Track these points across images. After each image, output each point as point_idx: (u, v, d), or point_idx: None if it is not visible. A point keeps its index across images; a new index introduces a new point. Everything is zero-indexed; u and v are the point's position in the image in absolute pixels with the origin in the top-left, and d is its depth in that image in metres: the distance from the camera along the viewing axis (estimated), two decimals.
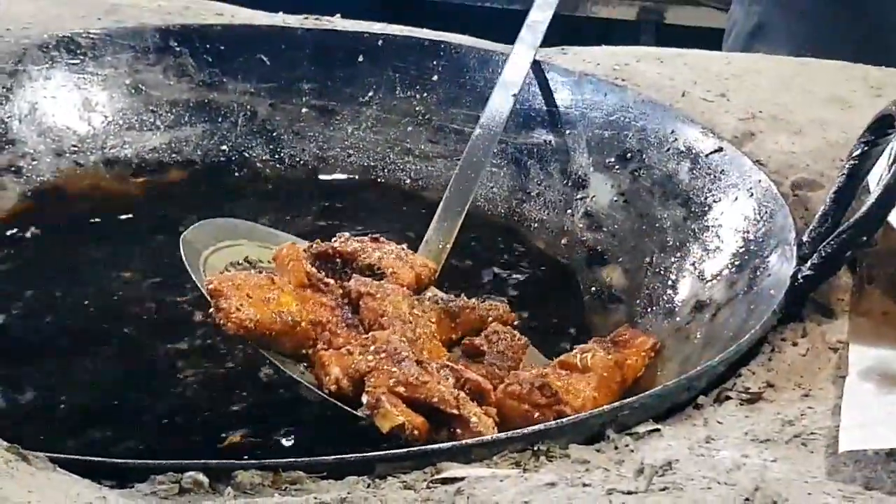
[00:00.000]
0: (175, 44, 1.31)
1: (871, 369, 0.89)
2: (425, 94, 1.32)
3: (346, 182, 1.30)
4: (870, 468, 0.79)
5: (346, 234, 1.09)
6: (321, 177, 1.30)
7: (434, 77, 1.32)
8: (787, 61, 1.42)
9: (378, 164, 1.31)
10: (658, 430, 0.84)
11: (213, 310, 0.95)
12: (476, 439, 0.84)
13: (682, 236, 1.14)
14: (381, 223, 1.22)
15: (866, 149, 1.02)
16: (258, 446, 0.94)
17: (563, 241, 1.23)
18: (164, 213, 1.24)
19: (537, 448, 0.81)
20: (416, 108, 1.32)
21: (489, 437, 0.84)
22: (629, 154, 1.22)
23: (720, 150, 1.16)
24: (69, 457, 0.77)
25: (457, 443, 0.84)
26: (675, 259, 1.13)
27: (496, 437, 0.84)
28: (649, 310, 1.12)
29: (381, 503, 0.75)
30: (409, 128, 1.32)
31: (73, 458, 0.77)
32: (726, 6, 2.17)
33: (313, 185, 1.30)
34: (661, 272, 1.13)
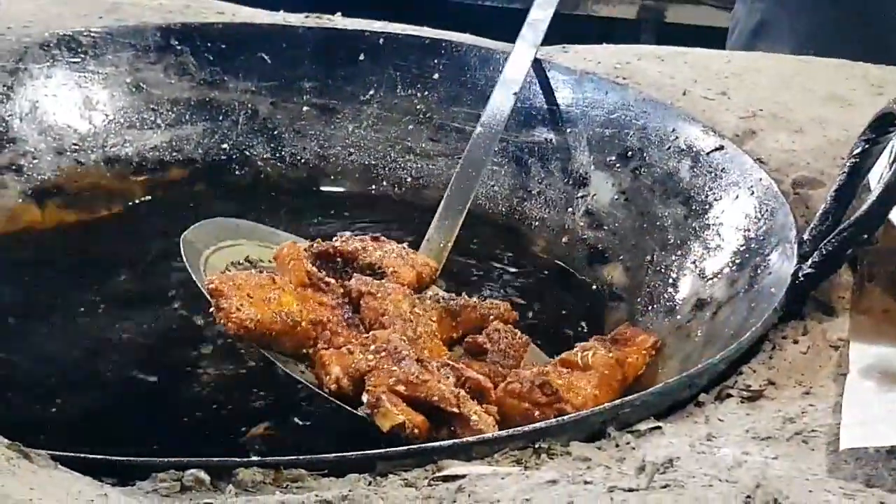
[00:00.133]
0: (176, 42, 1.31)
1: (872, 367, 0.89)
2: (426, 93, 1.32)
3: (347, 181, 1.30)
4: (871, 466, 0.79)
5: (347, 233, 1.09)
6: (322, 175, 1.31)
7: (435, 75, 1.32)
8: (787, 60, 1.42)
9: (379, 163, 1.31)
10: (659, 427, 0.85)
11: (213, 309, 0.95)
12: (477, 437, 0.84)
13: (682, 234, 1.14)
14: (381, 221, 1.22)
15: (867, 147, 1.02)
16: (279, 442, 0.94)
17: (564, 239, 1.23)
18: (164, 211, 1.24)
19: (538, 446, 0.81)
20: (417, 107, 1.32)
21: (490, 435, 0.84)
22: (630, 152, 1.22)
23: (721, 148, 1.16)
24: (70, 454, 0.77)
25: (458, 440, 0.84)
26: (676, 257, 1.13)
27: (497, 434, 0.84)
28: (650, 308, 1.12)
29: (382, 501, 0.75)
30: (410, 126, 1.32)
31: (75, 455, 0.77)
32: (726, 4, 2.17)
33: (314, 184, 1.30)
34: (662, 270, 1.13)
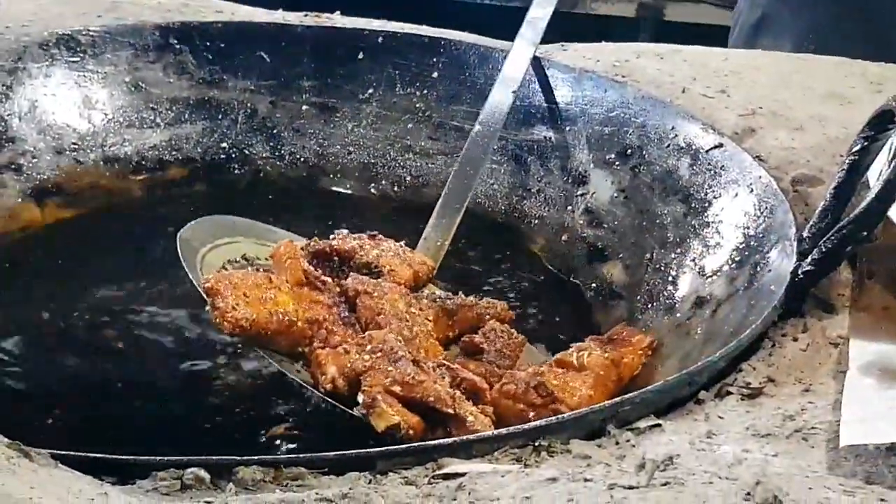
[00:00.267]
0: (175, 41, 1.31)
1: (872, 364, 0.89)
2: (425, 91, 1.32)
3: (346, 180, 1.30)
4: (870, 462, 0.79)
5: (345, 230, 1.09)
6: (321, 174, 1.31)
7: (434, 74, 1.32)
8: (786, 57, 1.42)
9: (378, 162, 1.31)
10: (659, 425, 0.85)
11: (209, 308, 0.95)
12: (477, 435, 0.84)
13: (682, 232, 1.14)
14: (381, 220, 1.22)
15: (866, 144, 1.02)
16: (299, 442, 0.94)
17: (564, 237, 1.23)
18: (164, 210, 1.24)
19: (538, 444, 0.81)
20: (417, 105, 1.32)
21: (490, 433, 0.84)
22: (629, 150, 1.22)
23: (720, 146, 1.16)
24: (70, 453, 0.77)
25: (458, 438, 0.84)
26: (676, 255, 1.13)
27: (497, 432, 0.84)
28: (650, 306, 1.12)
29: (382, 499, 0.75)
30: (410, 125, 1.32)
31: (75, 454, 0.77)
32: (724, 3, 2.17)
33: (314, 183, 1.30)
34: (662, 268, 1.13)
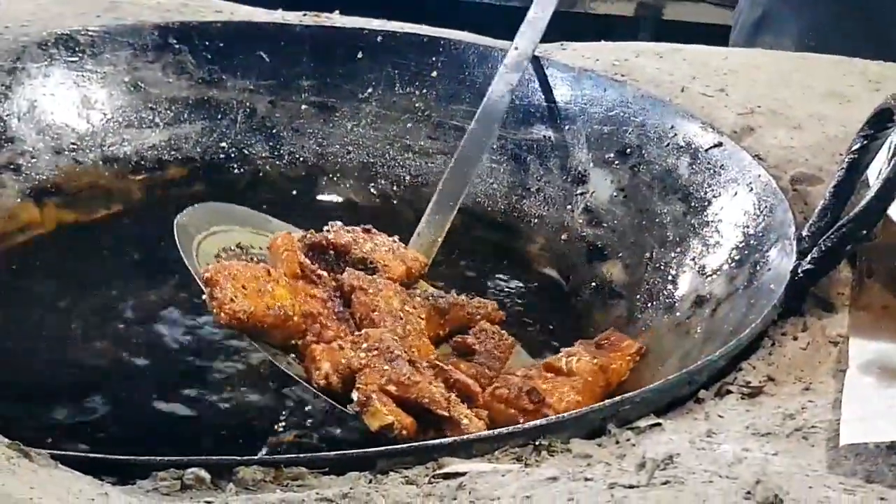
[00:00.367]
0: (174, 41, 1.31)
1: (872, 363, 0.89)
2: (425, 91, 1.32)
3: (346, 179, 1.30)
4: (871, 461, 0.79)
5: (339, 223, 1.09)
6: (321, 174, 1.30)
7: (433, 73, 1.32)
8: (785, 56, 1.42)
9: (378, 161, 1.31)
10: (659, 424, 0.85)
11: (206, 297, 0.94)
12: (477, 434, 0.84)
13: (681, 231, 1.14)
14: (380, 220, 1.22)
15: (865, 143, 1.02)
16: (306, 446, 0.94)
17: (563, 236, 1.23)
18: (163, 210, 1.23)
19: (539, 443, 0.81)
20: (416, 105, 1.32)
21: (491, 433, 0.84)
22: (629, 149, 1.22)
23: (719, 145, 1.16)
24: (70, 453, 0.77)
25: (458, 438, 0.84)
26: (675, 254, 1.13)
27: (497, 432, 0.84)
28: (649, 305, 1.12)
29: (383, 498, 0.75)
30: (409, 124, 1.32)
31: (75, 454, 0.77)
32: (723, 1, 2.17)
33: (313, 182, 1.30)
34: (662, 267, 1.13)
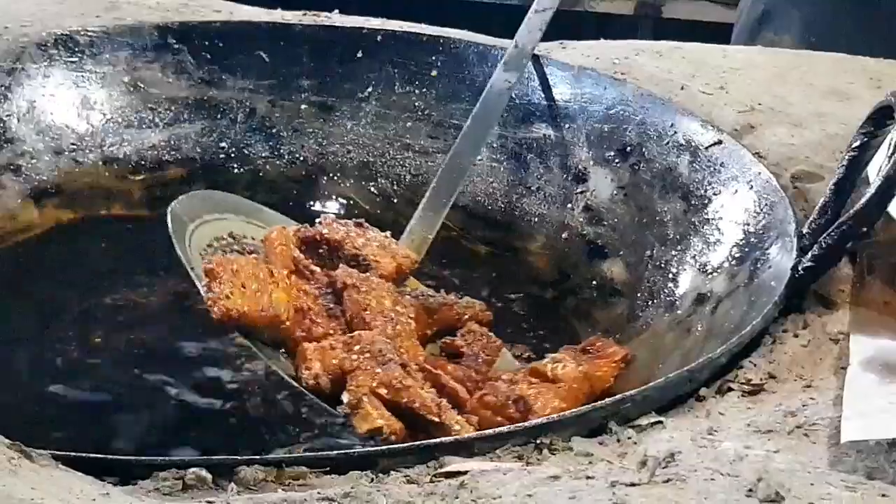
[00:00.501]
0: (173, 41, 1.30)
1: (873, 359, 0.89)
2: (424, 90, 1.32)
3: (346, 179, 1.30)
4: (872, 458, 0.79)
5: (331, 215, 1.09)
6: (321, 173, 1.30)
7: (433, 72, 1.32)
8: (785, 54, 1.42)
9: (378, 160, 1.31)
10: (661, 422, 0.85)
11: (203, 288, 0.94)
12: (479, 433, 0.84)
13: (682, 229, 1.14)
14: (380, 219, 1.22)
15: (866, 140, 1.02)
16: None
17: (564, 235, 1.23)
18: (163, 210, 1.23)
19: (540, 441, 0.81)
20: (416, 104, 1.31)
21: (492, 431, 0.84)
22: (629, 148, 1.22)
23: (720, 142, 1.16)
24: (71, 454, 0.77)
25: (460, 437, 0.84)
26: (676, 252, 1.13)
27: (499, 430, 0.84)
28: (650, 303, 1.12)
29: (384, 497, 0.75)
30: (409, 123, 1.31)
31: (76, 454, 0.77)
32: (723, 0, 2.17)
33: (313, 182, 1.30)
34: (662, 265, 1.13)
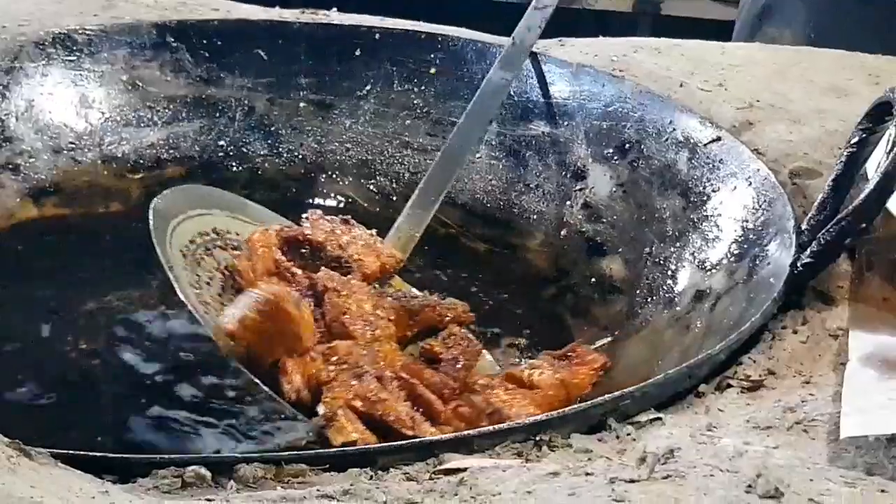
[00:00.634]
0: (172, 39, 1.30)
1: (872, 355, 0.89)
2: (423, 88, 1.32)
3: (344, 177, 1.30)
4: (871, 454, 0.79)
5: (318, 212, 1.09)
6: (319, 171, 1.30)
7: (432, 70, 1.32)
8: (784, 50, 1.41)
9: (376, 158, 1.31)
10: (660, 418, 0.85)
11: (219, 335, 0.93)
12: (478, 430, 0.84)
13: (681, 226, 1.14)
14: (379, 217, 1.22)
15: (864, 136, 1.02)
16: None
17: (563, 232, 1.23)
18: None
19: (539, 438, 0.81)
20: (414, 102, 1.31)
21: (491, 428, 0.84)
22: (628, 145, 1.22)
23: (718, 139, 1.16)
24: (71, 452, 0.77)
25: (459, 434, 0.84)
26: (675, 249, 1.13)
27: (498, 427, 0.84)
28: (649, 300, 1.12)
29: (384, 495, 0.75)
30: (408, 121, 1.31)
31: (75, 453, 0.77)
32: None
33: (312, 180, 1.30)
34: (661, 262, 1.13)
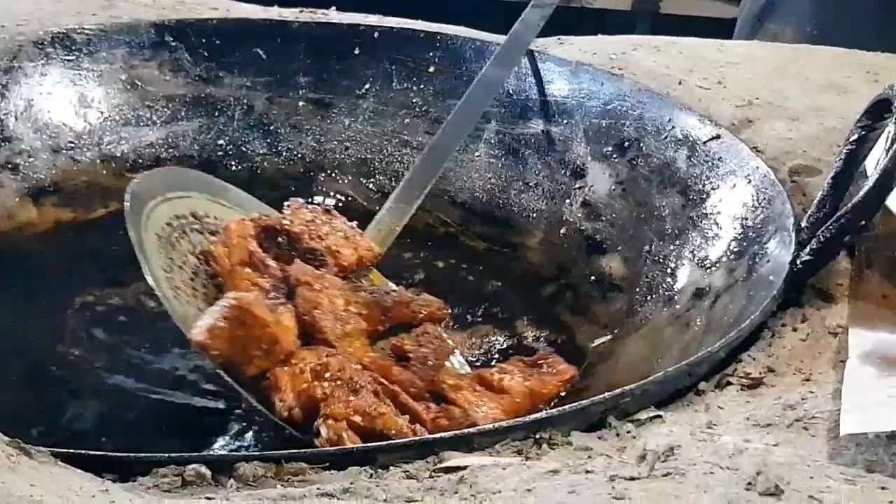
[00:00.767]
0: (170, 38, 1.30)
1: (872, 353, 0.89)
2: (422, 86, 1.32)
3: (343, 176, 1.30)
4: (871, 451, 0.79)
5: (300, 200, 1.09)
6: (318, 170, 1.30)
7: (431, 69, 1.32)
8: (783, 48, 1.42)
9: (375, 157, 1.31)
10: (660, 416, 0.85)
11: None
12: (478, 428, 0.84)
13: (680, 224, 1.14)
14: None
15: (863, 134, 1.02)
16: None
17: (562, 230, 1.22)
18: None
19: (539, 436, 0.81)
20: (413, 100, 1.31)
21: (492, 426, 0.84)
22: (627, 143, 1.22)
23: (718, 137, 1.16)
24: (71, 451, 0.77)
25: (459, 431, 0.84)
26: (674, 247, 1.13)
27: (498, 425, 0.84)
28: (649, 298, 1.12)
29: (384, 493, 0.75)
30: (406, 120, 1.31)
31: (75, 451, 0.77)
32: None
33: (311, 179, 1.30)
34: (661, 260, 1.13)
